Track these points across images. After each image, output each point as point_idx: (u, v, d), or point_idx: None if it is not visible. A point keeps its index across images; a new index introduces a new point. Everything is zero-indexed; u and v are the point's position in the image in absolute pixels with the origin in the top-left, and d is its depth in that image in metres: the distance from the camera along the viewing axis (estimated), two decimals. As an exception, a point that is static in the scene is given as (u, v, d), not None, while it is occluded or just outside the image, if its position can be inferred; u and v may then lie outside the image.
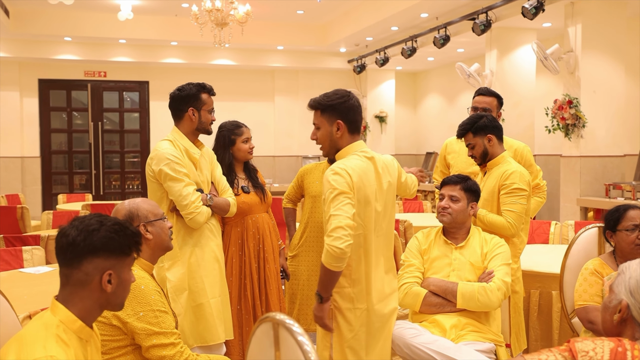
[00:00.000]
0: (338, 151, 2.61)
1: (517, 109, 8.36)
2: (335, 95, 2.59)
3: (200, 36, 8.85)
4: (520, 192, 3.20)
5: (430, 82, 13.03)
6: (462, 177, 3.13)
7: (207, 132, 3.26)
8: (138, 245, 1.84)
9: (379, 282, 2.60)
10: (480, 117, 3.36)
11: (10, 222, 6.44)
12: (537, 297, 3.71)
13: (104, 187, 11.82)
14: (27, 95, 11.39)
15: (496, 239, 3.06)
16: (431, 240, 3.12)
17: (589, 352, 1.56)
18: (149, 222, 2.41)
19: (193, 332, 3.07)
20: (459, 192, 3.07)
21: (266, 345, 1.59)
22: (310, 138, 2.71)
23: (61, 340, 1.66)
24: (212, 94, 3.26)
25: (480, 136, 3.32)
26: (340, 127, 2.58)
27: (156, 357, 2.25)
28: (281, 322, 1.54)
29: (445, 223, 3.09)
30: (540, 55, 6.93)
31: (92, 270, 1.73)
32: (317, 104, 2.62)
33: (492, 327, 2.93)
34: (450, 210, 3.05)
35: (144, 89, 12.00)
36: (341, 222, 2.38)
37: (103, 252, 1.73)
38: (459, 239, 3.07)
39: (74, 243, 1.71)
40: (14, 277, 3.64)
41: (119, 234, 1.76)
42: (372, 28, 9.70)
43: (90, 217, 1.78)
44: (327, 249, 2.37)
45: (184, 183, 3.04)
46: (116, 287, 1.77)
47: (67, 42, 10.82)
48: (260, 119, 12.29)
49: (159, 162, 3.06)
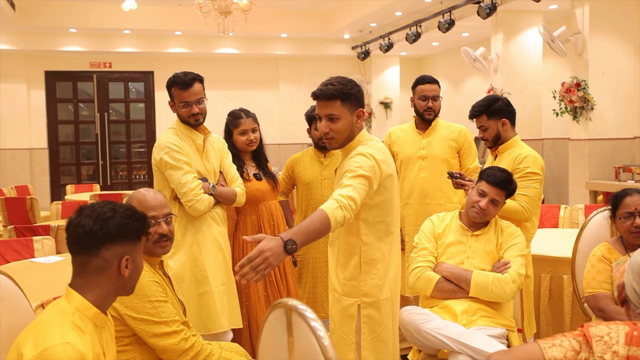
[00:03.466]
0: (349, 142, 2.52)
1: (524, 92, 8.30)
2: (350, 83, 2.48)
3: (204, 25, 8.81)
4: (534, 176, 3.17)
5: (436, 67, 12.95)
6: (509, 180, 2.99)
7: (190, 125, 3.18)
8: (147, 229, 1.88)
9: (397, 269, 2.59)
10: (496, 100, 3.32)
11: (20, 212, 6.50)
12: (547, 281, 3.69)
13: (111, 178, 11.86)
14: (34, 87, 11.41)
15: (512, 228, 3.01)
16: (447, 225, 3.07)
17: (604, 336, 1.54)
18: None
19: (196, 320, 3.07)
20: (502, 198, 2.98)
21: (279, 331, 1.59)
22: (322, 131, 2.48)
23: (77, 327, 1.67)
24: (182, 88, 3.10)
25: (495, 119, 3.29)
26: (360, 116, 2.50)
27: (160, 347, 2.25)
28: (294, 308, 1.54)
29: (475, 220, 3.01)
30: (547, 37, 6.87)
31: (110, 256, 1.75)
32: (337, 93, 2.43)
33: (504, 312, 2.91)
34: (487, 212, 2.97)
35: (149, 79, 11.99)
36: (359, 200, 2.30)
37: (120, 238, 1.76)
38: (476, 227, 3.03)
39: (91, 232, 1.73)
40: (26, 267, 3.67)
41: (132, 218, 1.79)
42: (376, 14, 9.64)
43: (100, 205, 1.79)
44: (340, 203, 2.22)
45: (183, 171, 3.04)
46: (132, 271, 1.81)
47: (73, 33, 10.81)
48: (265, 107, 12.26)
49: (160, 150, 3.07)
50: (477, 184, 3.02)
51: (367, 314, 2.47)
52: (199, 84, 3.16)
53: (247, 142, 3.55)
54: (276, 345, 1.62)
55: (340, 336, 2.52)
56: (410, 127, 3.92)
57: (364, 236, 2.46)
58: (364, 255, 2.47)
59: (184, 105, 3.12)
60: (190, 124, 3.17)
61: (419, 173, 3.79)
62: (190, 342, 2.29)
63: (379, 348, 2.50)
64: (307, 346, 1.49)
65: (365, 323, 2.48)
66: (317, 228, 2.18)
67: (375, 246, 2.47)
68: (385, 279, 2.49)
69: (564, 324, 3.62)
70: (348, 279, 2.49)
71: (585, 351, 1.53)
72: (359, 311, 2.47)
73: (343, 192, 2.27)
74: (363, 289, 2.47)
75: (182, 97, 3.11)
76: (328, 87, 2.45)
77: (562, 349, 1.55)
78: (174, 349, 2.26)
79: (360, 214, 2.46)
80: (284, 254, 2.05)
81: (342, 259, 2.51)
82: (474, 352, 2.59)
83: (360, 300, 2.47)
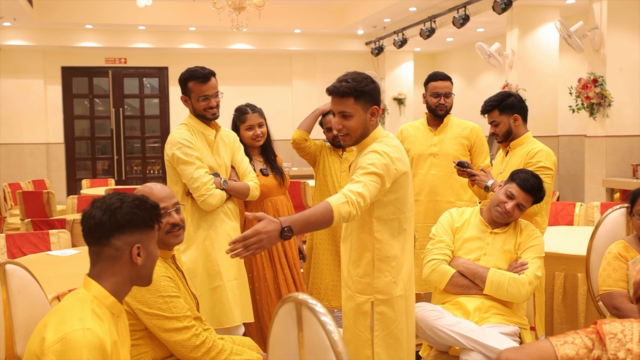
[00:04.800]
0: (363, 139, 2.49)
1: (540, 88, 8.23)
2: (366, 80, 2.44)
3: (218, 21, 8.84)
4: (546, 170, 3.16)
5: (450, 63, 12.88)
6: (539, 188, 2.96)
7: (206, 119, 3.18)
8: (159, 217, 1.90)
9: (411, 267, 2.57)
10: (509, 95, 3.31)
11: (37, 206, 6.58)
12: (561, 279, 3.66)
13: (126, 172, 11.94)
14: (51, 82, 11.52)
15: (531, 228, 2.99)
16: (466, 219, 3.04)
17: (617, 334, 1.51)
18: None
19: (209, 314, 3.08)
20: (529, 204, 2.95)
21: (289, 325, 1.60)
22: (335, 128, 2.47)
23: (96, 314, 1.72)
24: (202, 81, 3.10)
25: (507, 115, 3.27)
26: (374, 114, 2.46)
27: (171, 342, 2.27)
28: (304, 302, 1.54)
29: (497, 219, 2.99)
30: (564, 33, 6.80)
31: (121, 245, 1.80)
32: (351, 91, 2.39)
33: (517, 310, 2.90)
34: (512, 215, 2.94)
35: (163, 74, 12.04)
36: (368, 197, 2.28)
37: (128, 227, 1.80)
38: (496, 225, 3.00)
39: (101, 223, 1.77)
40: (42, 260, 3.71)
41: (140, 208, 1.83)
42: (389, 9, 9.60)
43: (110, 196, 1.84)
44: (348, 199, 2.21)
45: (195, 166, 3.05)
46: (145, 260, 1.85)
47: (88, 29, 10.90)
48: (279, 103, 12.27)
49: (172, 146, 3.09)
50: (506, 184, 2.98)
51: (380, 311, 2.46)
52: (215, 79, 3.18)
53: (254, 137, 3.56)
54: (286, 339, 1.62)
55: (355, 333, 2.51)
56: (422, 124, 3.91)
57: (377, 233, 2.45)
58: (377, 253, 2.45)
59: (203, 99, 3.12)
60: (207, 118, 3.17)
61: (430, 170, 3.78)
62: (201, 338, 2.30)
63: (392, 345, 2.48)
64: (316, 340, 1.49)
65: (378, 320, 2.46)
66: (318, 219, 2.18)
67: (388, 243, 2.45)
68: (398, 277, 2.48)
69: (578, 322, 3.59)
70: (361, 276, 2.48)
71: (598, 348, 1.51)
72: (372, 308, 2.46)
73: (353, 187, 2.26)
74: (376, 286, 2.45)
75: (202, 91, 3.11)
76: (342, 83, 2.42)
77: (574, 346, 1.52)
78: (185, 345, 2.27)
79: (374, 211, 2.44)
80: (278, 238, 2.07)
81: (355, 256, 2.50)
82: (485, 350, 2.58)
83: (374, 297, 2.45)
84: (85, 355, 1.59)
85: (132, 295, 2.24)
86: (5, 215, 7.25)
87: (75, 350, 1.59)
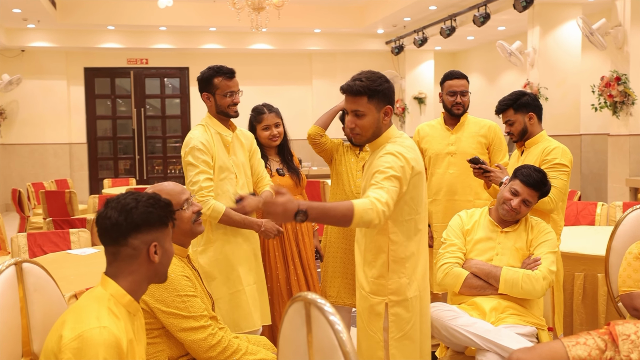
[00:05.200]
0: (376, 138, 2.48)
1: (562, 87, 8.13)
2: (380, 79, 2.42)
3: (238, 21, 8.88)
4: (562, 167, 3.13)
5: (471, 61, 12.79)
6: (544, 182, 2.94)
7: (229, 116, 3.17)
8: (172, 215, 1.92)
9: (425, 267, 2.55)
10: (523, 94, 3.30)
11: (59, 206, 6.67)
12: (581, 280, 3.61)
13: (147, 172, 12.07)
14: (74, 83, 11.69)
15: (542, 224, 2.96)
16: (476, 221, 3.02)
17: (631, 335, 1.50)
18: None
19: (227, 319, 3.05)
20: (535, 199, 2.93)
21: (298, 324, 1.60)
22: (348, 126, 2.46)
23: (112, 312, 1.74)
24: (229, 77, 3.12)
25: (522, 113, 3.26)
26: (388, 113, 2.45)
27: (188, 341, 2.28)
28: (313, 302, 1.54)
29: (504, 217, 2.96)
30: (586, 30, 6.72)
31: (139, 244, 1.82)
32: (364, 90, 2.38)
33: (534, 310, 2.86)
34: (518, 212, 2.92)
35: (184, 75, 12.14)
36: (392, 204, 2.26)
37: (145, 226, 1.82)
38: (506, 223, 2.98)
39: (117, 223, 1.79)
40: (62, 258, 3.76)
41: (155, 207, 1.84)
42: (409, 8, 9.57)
43: (124, 196, 1.85)
44: (374, 212, 2.17)
45: (197, 170, 3.02)
46: (162, 257, 1.87)
47: (110, 30, 11.04)
48: (299, 103, 12.30)
49: (185, 147, 3.09)
50: (510, 182, 2.96)
51: (394, 313, 2.44)
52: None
53: (270, 137, 3.56)
54: (296, 338, 1.62)
55: (368, 334, 2.49)
56: (438, 123, 3.88)
57: (392, 235, 2.43)
58: (392, 254, 2.43)
59: (230, 94, 3.11)
60: (229, 115, 3.16)
61: (448, 169, 3.76)
62: (217, 338, 2.31)
63: (407, 346, 2.46)
64: (325, 340, 1.49)
65: (393, 322, 2.44)
66: (337, 216, 2.17)
67: (403, 245, 2.44)
68: (413, 277, 2.46)
69: (598, 323, 3.54)
70: (375, 277, 2.46)
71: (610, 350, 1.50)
72: (386, 309, 2.44)
73: (378, 195, 2.22)
74: (391, 287, 2.43)
75: (229, 87, 3.11)
76: (356, 82, 2.41)
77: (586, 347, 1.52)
78: (202, 344, 2.28)
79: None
80: (291, 218, 2.06)
81: (370, 257, 2.48)
82: (501, 350, 2.55)
83: (388, 298, 2.43)
84: (101, 353, 1.61)
85: (150, 294, 2.25)
86: (28, 214, 7.37)
87: (92, 348, 1.61)
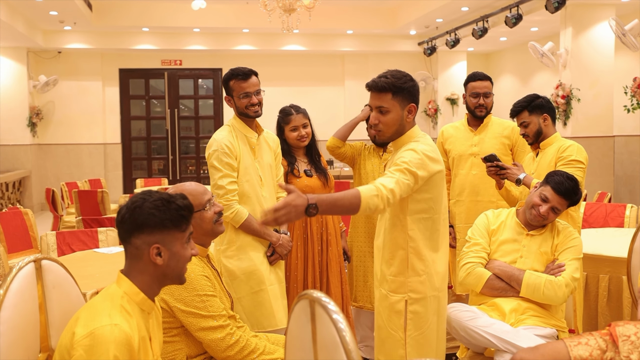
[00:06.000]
0: (399, 137, 2.52)
1: (594, 88, 8.00)
2: (405, 77, 2.47)
3: (270, 23, 8.96)
4: (577, 163, 3.14)
5: (504, 63, 12.65)
6: (575, 191, 2.92)
7: (249, 117, 3.20)
8: (185, 219, 1.86)
9: (445, 268, 2.57)
10: (537, 97, 3.34)
11: (91, 205, 6.83)
12: (606, 282, 3.58)
13: (181, 172, 12.23)
14: (109, 84, 11.92)
15: (569, 230, 2.93)
16: (502, 222, 3.01)
17: (631, 336, 1.51)
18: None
19: (250, 317, 3.09)
20: (564, 207, 2.91)
21: (303, 321, 1.63)
22: (371, 122, 2.51)
23: (125, 310, 1.77)
24: (242, 79, 3.14)
25: (537, 115, 3.29)
26: (412, 111, 2.48)
27: (206, 340, 2.33)
28: (317, 300, 1.57)
29: (532, 222, 2.95)
30: (618, 31, 6.61)
31: (140, 244, 1.82)
32: (389, 86, 2.44)
33: (555, 312, 2.84)
34: (546, 218, 2.91)
35: (217, 76, 12.28)
36: (398, 193, 2.29)
37: (146, 227, 1.80)
38: (533, 226, 2.96)
39: (123, 220, 1.82)
40: (88, 257, 3.86)
41: (160, 209, 1.80)
42: (442, 9, 9.52)
43: (139, 194, 1.86)
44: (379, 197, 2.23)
45: (221, 173, 3.07)
46: (168, 260, 1.83)
47: (145, 32, 11.23)
48: (331, 104, 12.33)
49: (208, 149, 3.14)
50: (541, 187, 2.94)
51: (413, 310, 2.47)
52: (256, 77, 3.21)
53: (299, 138, 3.59)
54: (301, 334, 1.66)
55: (389, 332, 2.51)
56: (462, 125, 3.90)
57: (411, 232, 2.46)
58: (411, 251, 2.46)
59: (244, 96, 3.15)
60: (249, 116, 3.18)
61: (471, 170, 3.76)
62: (235, 337, 2.36)
63: (423, 345, 2.48)
64: (328, 337, 1.52)
65: (411, 320, 2.47)
66: (345, 205, 2.21)
67: (422, 242, 2.46)
68: (432, 277, 2.48)
69: (623, 326, 3.49)
70: (395, 275, 2.49)
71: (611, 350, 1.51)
72: (405, 307, 2.47)
73: (385, 182, 2.28)
74: (410, 284, 2.46)
75: (243, 88, 3.15)
76: (381, 79, 2.45)
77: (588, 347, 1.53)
78: (220, 343, 2.33)
79: (407, 210, 2.45)
80: (303, 214, 2.11)
81: (388, 255, 2.51)
82: (518, 352, 2.55)
83: (408, 296, 2.46)
84: (112, 350, 1.64)
85: (169, 293, 2.30)
86: (62, 213, 7.55)
87: (103, 345, 1.65)
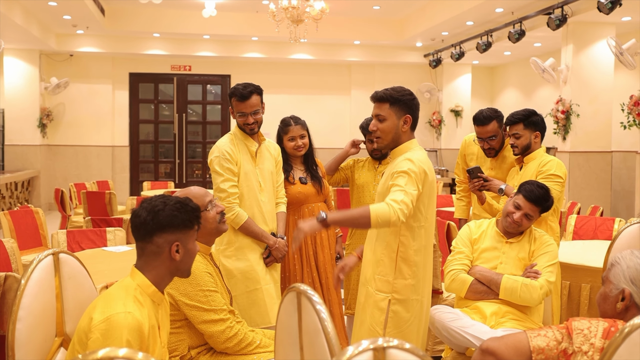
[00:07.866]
0: (396, 146, 2.71)
1: (594, 104, 8.17)
2: (404, 91, 2.68)
3: (278, 32, 9.16)
4: (555, 178, 3.36)
5: (508, 76, 12.82)
6: (545, 198, 3.12)
7: (246, 132, 3.40)
8: (198, 219, 2.11)
9: (430, 276, 2.74)
10: (535, 114, 3.54)
11: (99, 206, 7.01)
12: (587, 291, 3.75)
13: (187, 176, 12.42)
14: (119, 88, 12.14)
15: (545, 237, 3.14)
16: (483, 231, 3.21)
17: (584, 330, 1.71)
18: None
19: (244, 315, 3.25)
20: (536, 213, 3.12)
21: (291, 311, 1.84)
22: (369, 129, 2.72)
23: (137, 300, 1.97)
24: (239, 100, 3.31)
25: (530, 130, 3.49)
26: (407, 122, 2.68)
27: (208, 332, 2.53)
28: (303, 292, 1.77)
29: (508, 229, 3.15)
30: (616, 50, 6.78)
31: (162, 243, 2.03)
32: (387, 97, 2.66)
33: (533, 316, 3.02)
34: (520, 224, 3.11)
35: (226, 82, 12.48)
36: (409, 201, 2.49)
37: (169, 227, 2.02)
38: (511, 234, 3.17)
39: (145, 222, 2.02)
40: (97, 255, 4.05)
41: (180, 211, 2.03)
42: (447, 23, 9.72)
43: (155, 198, 2.07)
44: (391, 209, 2.44)
45: (223, 177, 3.27)
46: (183, 256, 2.06)
47: (156, 38, 11.45)
48: (337, 112, 12.50)
49: (211, 154, 3.35)
50: (515, 196, 3.16)
51: (395, 310, 2.63)
52: (257, 97, 3.36)
53: (295, 148, 3.78)
54: (289, 321, 1.86)
55: (369, 329, 2.67)
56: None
57: (402, 237, 2.63)
58: (400, 256, 2.63)
59: (240, 115, 3.36)
60: (246, 132, 3.41)
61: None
62: (234, 330, 2.55)
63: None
64: (311, 324, 1.72)
65: (391, 318, 2.63)
66: (354, 216, 2.54)
67: (412, 248, 2.63)
68: (417, 282, 2.65)
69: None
70: (382, 275, 2.65)
71: (566, 341, 1.72)
72: (388, 306, 2.63)
73: (394, 196, 2.48)
74: (396, 286, 2.63)
75: (239, 108, 3.35)
76: (382, 91, 2.70)
77: (546, 338, 1.74)
78: (220, 336, 2.53)
79: None
80: (316, 223, 2.48)
81: (378, 256, 2.68)
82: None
83: (392, 296, 2.63)
84: (125, 334, 1.85)
85: (175, 288, 2.50)
86: (70, 213, 7.75)
87: (117, 329, 1.85)
